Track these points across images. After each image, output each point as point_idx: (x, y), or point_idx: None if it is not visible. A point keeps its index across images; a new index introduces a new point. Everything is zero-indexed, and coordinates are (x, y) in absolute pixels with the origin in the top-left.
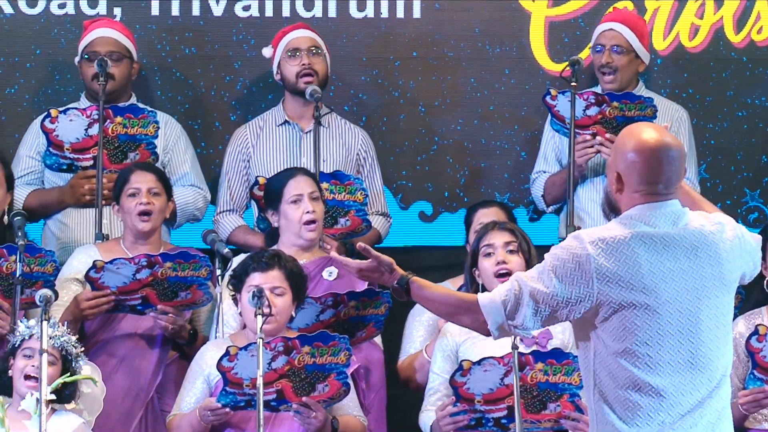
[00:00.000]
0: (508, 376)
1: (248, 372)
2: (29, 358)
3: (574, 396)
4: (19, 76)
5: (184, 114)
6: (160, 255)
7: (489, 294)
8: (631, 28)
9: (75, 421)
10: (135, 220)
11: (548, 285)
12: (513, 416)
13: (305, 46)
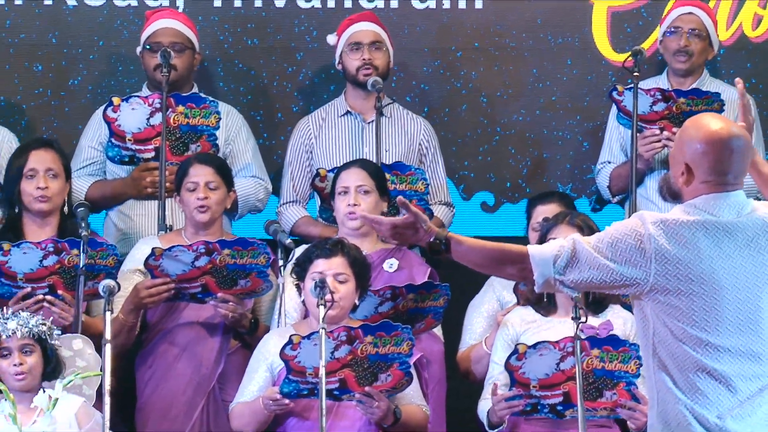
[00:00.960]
0: (563, 361)
1: (311, 361)
2: (8, 357)
3: (630, 384)
4: (82, 68)
5: (246, 105)
6: (218, 242)
7: (540, 246)
8: (708, 15)
9: (76, 402)
10: (194, 213)
11: (605, 254)
12: (569, 402)
13: (367, 40)
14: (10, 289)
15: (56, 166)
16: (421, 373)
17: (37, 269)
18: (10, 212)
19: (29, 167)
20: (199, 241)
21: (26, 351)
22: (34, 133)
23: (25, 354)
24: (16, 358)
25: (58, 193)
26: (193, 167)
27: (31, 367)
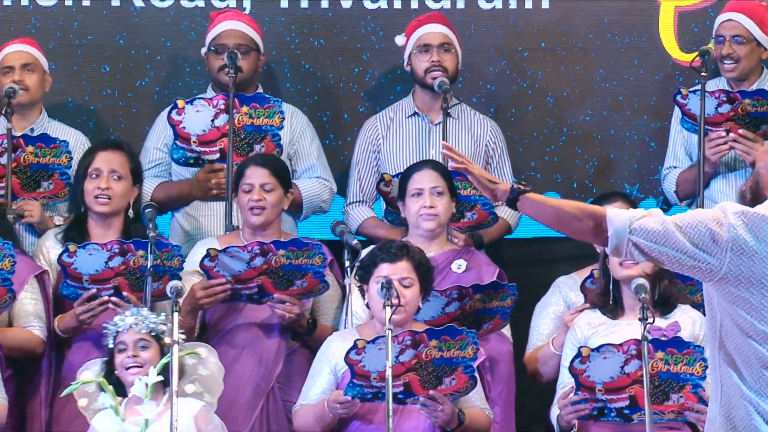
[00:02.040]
0: (628, 364)
1: (375, 365)
2: (123, 352)
3: (697, 387)
4: (149, 69)
5: (312, 106)
6: (272, 243)
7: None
8: (751, 17)
9: (196, 405)
10: (248, 215)
11: (684, 232)
12: (636, 406)
13: (436, 42)
14: (75, 291)
15: (122, 169)
16: (484, 376)
17: (103, 270)
18: (76, 212)
19: (94, 167)
20: (254, 241)
21: (142, 346)
22: (102, 135)
23: (140, 348)
24: (130, 351)
25: (121, 196)
26: (249, 169)
27: (145, 361)
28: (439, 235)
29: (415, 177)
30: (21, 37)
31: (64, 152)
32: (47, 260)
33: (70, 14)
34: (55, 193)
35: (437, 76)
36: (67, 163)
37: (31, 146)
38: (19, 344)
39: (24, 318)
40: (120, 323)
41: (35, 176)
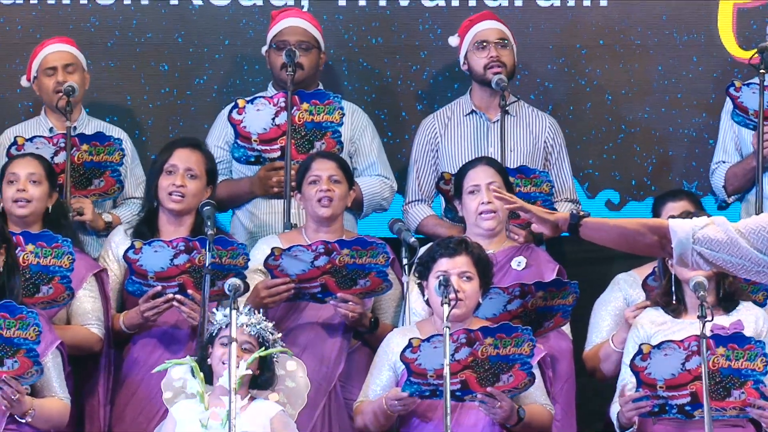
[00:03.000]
0: (689, 360)
1: (431, 363)
2: (226, 346)
3: (758, 383)
4: (207, 67)
5: (370, 104)
6: (336, 242)
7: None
8: None
9: (274, 409)
10: (315, 207)
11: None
12: (697, 402)
13: (493, 38)
14: (140, 288)
15: (198, 168)
16: (545, 371)
17: (168, 268)
18: (149, 206)
19: (171, 163)
20: (318, 240)
21: (245, 348)
22: (160, 133)
23: (243, 350)
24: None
25: (194, 195)
26: (315, 161)
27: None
28: (498, 232)
29: (471, 174)
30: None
31: (117, 150)
32: (115, 255)
33: (128, 13)
34: (105, 190)
35: (497, 72)
36: (119, 160)
37: (86, 144)
38: (77, 342)
39: (82, 316)
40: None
41: (87, 174)
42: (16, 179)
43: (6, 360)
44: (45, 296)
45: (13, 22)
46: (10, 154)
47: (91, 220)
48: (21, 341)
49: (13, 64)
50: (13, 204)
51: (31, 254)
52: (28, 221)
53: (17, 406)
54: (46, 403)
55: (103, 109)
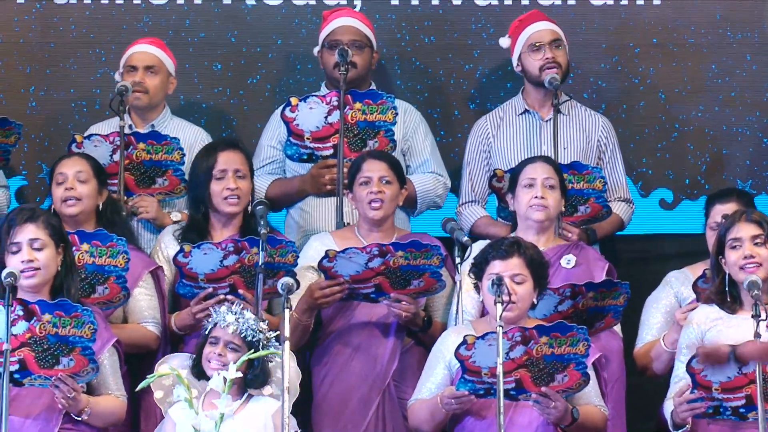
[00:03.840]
0: (746, 365)
1: (486, 361)
2: (214, 345)
3: None
4: (260, 66)
5: (423, 103)
6: (391, 244)
7: None
8: None
9: (273, 405)
10: (366, 208)
11: None
12: (752, 405)
13: (548, 39)
14: (191, 290)
15: (244, 167)
16: (600, 372)
17: (218, 269)
18: (195, 214)
19: (219, 168)
20: (373, 243)
21: (232, 347)
22: (214, 133)
23: (229, 349)
24: (219, 348)
25: (247, 194)
26: (366, 162)
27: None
28: (548, 229)
29: (528, 169)
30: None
31: (176, 149)
32: (165, 256)
33: (182, 12)
34: (170, 190)
35: (553, 73)
36: (179, 159)
37: (143, 143)
38: (134, 340)
39: (138, 314)
40: (221, 318)
41: (149, 173)
42: (64, 179)
43: (62, 358)
44: (101, 296)
45: (67, 21)
46: (70, 151)
47: (155, 218)
48: (76, 339)
49: (67, 63)
50: (62, 204)
51: (86, 254)
52: (79, 220)
53: (73, 404)
54: (102, 401)
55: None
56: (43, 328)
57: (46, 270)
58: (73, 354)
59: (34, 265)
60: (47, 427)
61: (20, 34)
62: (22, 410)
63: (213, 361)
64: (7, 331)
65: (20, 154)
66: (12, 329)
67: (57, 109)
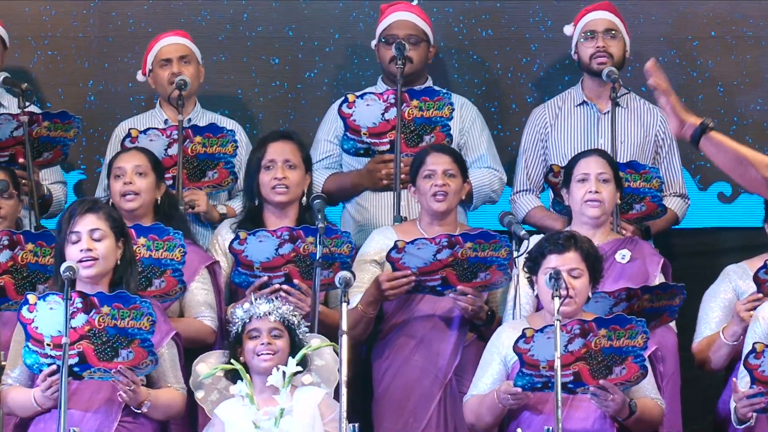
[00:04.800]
0: None
1: (544, 354)
2: (256, 339)
3: None
4: (318, 61)
5: (480, 96)
6: (460, 235)
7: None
8: None
9: (319, 394)
10: (430, 201)
11: None
12: None
13: (601, 28)
14: (247, 279)
15: (294, 158)
16: (656, 366)
17: (273, 258)
18: (251, 204)
19: (267, 158)
20: (442, 234)
21: (275, 335)
22: (271, 126)
23: (273, 337)
24: (264, 338)
25: (297, 184)
26: (430, 155)
27: (279, 350)
28: (603, 223)
29: (582, 163)
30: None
31: (230, 141)
32: (222, 250)
33: (239, 6)
34: (219, 182)
35: (602, 62)
36: (232, 152)
37: (199, 136)
38: (190, 334)
39: (195, 308)
40: (253, 310)
41: (201, 166)
42: (123, 173)
43: (121, 350)
44: (157, 290)
45: (125, 16)
46: (124, 146)
47: (205, 212)
48: (135, 331)
49: (125, 58)
50: (121, 198)
51: (143, 247)
52: (138, 214)
53: (133, 396)
54: (162, 394)
55: (214, 102)
56: (102, 320)
57: (104, 261)
58: (132, 346)
59: (92, 255)
60: (107, 420)
61: (79, 28)
62: (82, 404)
63: (263, 353)
64: (66, 324)
65: (78, 148)
66: (71, 322)
67: (115, 103)
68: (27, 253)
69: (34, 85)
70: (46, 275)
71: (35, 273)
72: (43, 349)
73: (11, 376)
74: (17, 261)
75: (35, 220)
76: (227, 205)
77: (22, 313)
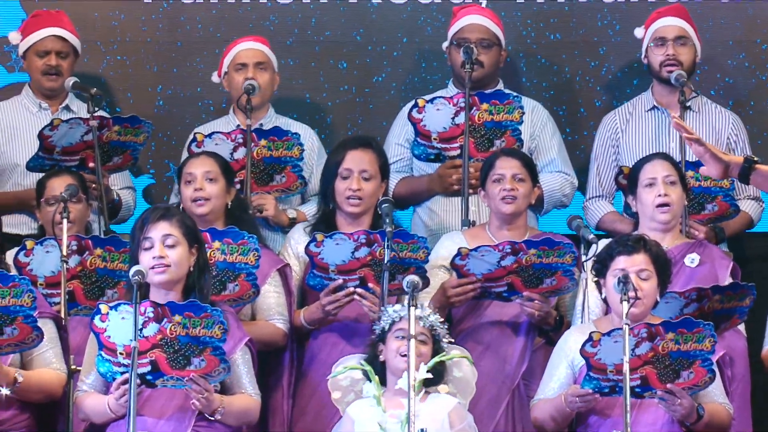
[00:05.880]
0: None
1: (611, 358)
2: (402, 339)
3: None
4: (386, 65)
5: (549, 100)
6: (524, 242)
7: None
8: None
9: (450, 402)
10: (499, 204)
11: None
12: None
13: (672, 35)
14: (322, 281)
15: (371, 168)
16: (724, 371)
17: (349, 261)
18: (325, 208)
19: (344, 167)
20: (505, 241)
21: (421, 339)
22: (339, 131)
23: (419, 342)
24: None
25: (371, 195)
26: (500, 159)
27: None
28: (672, 227)
29: (647, 168)
30: (258, 34)
31: (296, 144)
32: (294, 253)
33: (307, 11)
34: (287, 186)
35: (672, 71)
36: (299, 155)
37: (264, 140)
38: (262, 338)
39: (267, 311)
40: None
41: (268, 170)
42: (193, 179)
43: (193, 359)
44: (231, 294)
45: (194, 20)
46: (190, 150)
47: (273, 216)
48: (207, 339)
49: (194, 62)
50: (192, 203)
51: (217, 251)
52: (209, 219)
53: (206, 404)
54: (235, 400)
55: (282, 106)
56: (173, 329)
57: (177, 267)
58: (204, 354)
59: (164, 262)
60: (180, 427)
61: (147, 33)
62: (155, 411)
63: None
64: (135, 329)
65: (147, 153)
66: (143, 331)
67: (184, 107)
68: (95, 258)
69: (104, 90)
70: (114, 280)
71: (104, 278)
72: (116, 358)
73: (86, 383)
74: (86, 266)
75: (104, 224)
76: (298, 209)
77: (94, 323)
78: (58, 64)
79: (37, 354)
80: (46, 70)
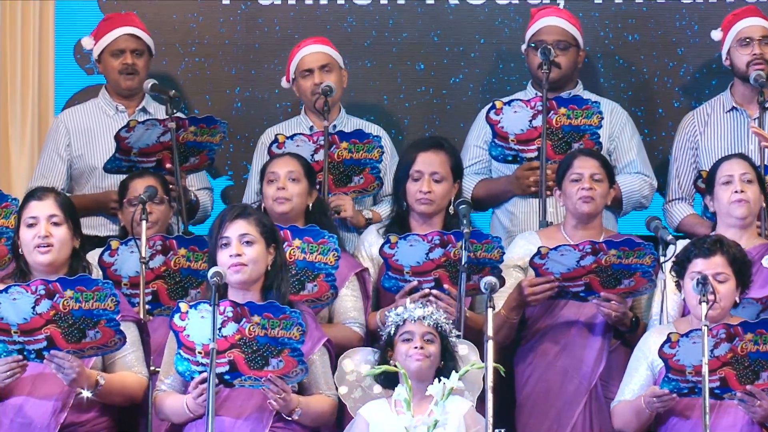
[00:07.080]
0: None
1: (690, 359)
2: (409, 342)
3: None
4: (463, 66)
5: (627, 101)
6: (604, 242)
7: None
8: None
9: (465, 405)
10: (576, 204)
11: None
12: None
13: (757, 35)
14: (396, 283)
15: (442, 169)
16: None
17: (424, 262)
18: (398, 209)
19: (415, 168)
20: (586, 241)
21: (428, 339)
22: (417, 132)
23: (426, 342)
24: (417, 342)
25: (442, 197)
26: (578, 159)
27: (431, 354)
28: (749, 224)
29: (724, 166)
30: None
31: (376, 147)
32: (368, 255)
33: (385, 12)
34: (364, 187)
35: (761, 69)
36: (378, 157)
37: (345, 142)
38: (339, 340)
39: (343, 314)
40: (407, 314)
41: (347, 171)
42: (276, 178)
43: (271, 359)
44: (310, 294)
45: (272, 22)
46: (271, 152)
47: (351, 217)
48: (285, 341)
49: (271, 64)
50: (273, 202)
51: (297, 249)
52: (289, 219)
53: (283, 404)
54: (313, 401)
55: (359, 108)
56: (252, 329)
57: (254, 266)
58: (282, 355)
59: (242, 260)
60: (258, 427)
61: (225, 35)
62: (234, 411)
63: (415, 356)
64: (213, 329)
65: (225, 154)
66: (222, 330)
67: (262, 109)
68: (180, 258)
69: (181, 92)
70: (198, 280)
71: (188, 278)
72: (194, 357)
73: (165, 383)
74: (170, 266)
75: (183, 225)
76: (373, 210)
77: (174, 321)
78: (134, 62)
79: (119, 357)
80: (123, 69)
